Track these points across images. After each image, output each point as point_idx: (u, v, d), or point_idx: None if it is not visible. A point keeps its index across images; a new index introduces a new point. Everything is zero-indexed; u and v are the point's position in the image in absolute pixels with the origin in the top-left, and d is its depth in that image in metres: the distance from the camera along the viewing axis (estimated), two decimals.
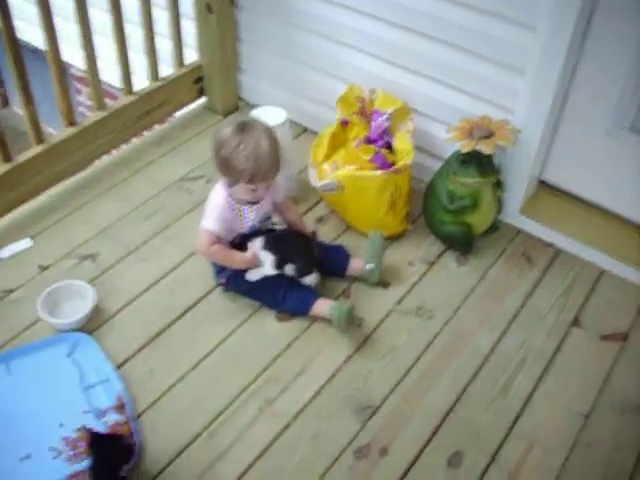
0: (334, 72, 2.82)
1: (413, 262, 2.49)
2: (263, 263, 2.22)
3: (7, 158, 2.51)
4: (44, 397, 2.01)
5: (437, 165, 2.54)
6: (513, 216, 2.62)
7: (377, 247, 2.36)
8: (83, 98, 4.77)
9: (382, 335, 2.24)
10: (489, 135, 2.32)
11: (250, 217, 2.23)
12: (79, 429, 1.89)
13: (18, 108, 5.22)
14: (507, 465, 1.91)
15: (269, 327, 2.25)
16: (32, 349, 2.12)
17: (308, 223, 2.48)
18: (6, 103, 5.82)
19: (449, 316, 2.31)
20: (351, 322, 2.22)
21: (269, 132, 2.11)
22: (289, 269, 2.23)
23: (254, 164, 2.06)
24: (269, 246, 2.20)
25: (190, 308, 2.30)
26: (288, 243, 2.24)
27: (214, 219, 2.17)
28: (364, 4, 2.57)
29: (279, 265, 2.22)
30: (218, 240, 2.19)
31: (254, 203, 2.21)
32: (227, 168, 2.11)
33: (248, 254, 2.21)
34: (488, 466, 1.91)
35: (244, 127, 2.09)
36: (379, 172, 2.41)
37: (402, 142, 2.52)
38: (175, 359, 2.14)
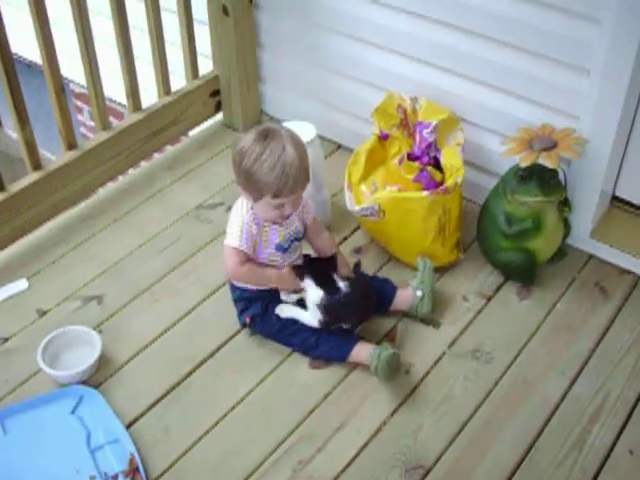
0: (370, 79, 2.84)
1: (467, 297, 2.48)
2: (310, 316, 2.22)
3: (0, 187, 2.55)
4: (45, 461, 2.02)
5: (492, 183, 2.54)
6: (583, 240, 2.60)
7: (426, 274, 2.36)
8: (84, 117, 4.85)
9: (434, 383, 2.22)
10: (552, 146, 2.31)
11: (278, 235, 2.23)
12: None
13: (11, 130, 5.32)
14: None
15: (302, 376, 2.24)
16: (30, 406, 2.14)
17: (345, 255, 2.46)
18: None
19: (511, 359, 2.29)
20: (394, 371, 2.21)
21: (294, 137, 2.13)
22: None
23: (280, 175, 2.06)
24: (326, 309, 2.19)
25: (211, 356, 2.30)
26: (349, 308, 2.22)
27: (239, 234, 2.18)
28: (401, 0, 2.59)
29: (326, 326, 2.22)
30: (248, 258, 2.20)
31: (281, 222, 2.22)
32: (249, 181, 2.11)
33: (284, 270, 2.23)
34: None
35: (267, 133, 2.10)
36: (425, 193, 2.41)
37: (451, 157, 2.52)
38: (194, 415, 2.14)
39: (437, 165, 2.58)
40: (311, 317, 2.23)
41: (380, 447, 2.06)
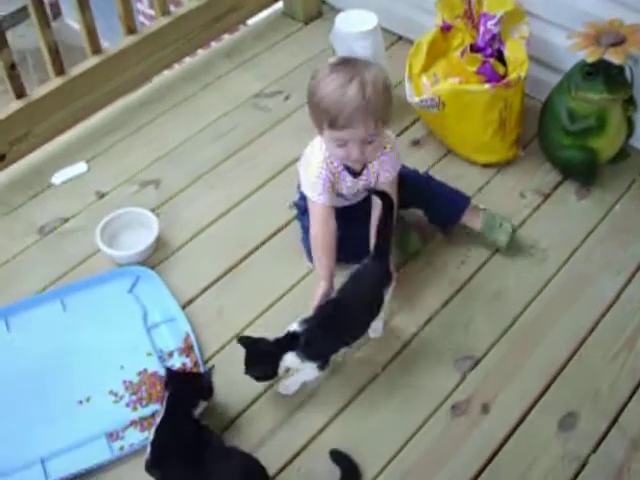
0: None
1: (524, 194, 2.46)
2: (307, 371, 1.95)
3: (60, 71, 2.56)
4: (103, 336, 2.08)
5: (556, 79, 2.48)
6: None
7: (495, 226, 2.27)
8: (144, 6, 4.84)
9: (487, 277, 2.23)
10: (620, 42, 2.24)
11: (347, 185, 2.10)
12: (140, 372, 1.97)
13: (71, 20, 5.33)
14: (630, 431, 1.90)
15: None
16: (89, 284, 2.20)
17: (402, 147, 2.40)
18: (58, 14, 5.93)
19: (566, 257, 2.28)
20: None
21: (374, 75, 1.94)
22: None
23: (335, 102, 1.91)
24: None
25: (264, 242, 2.33)
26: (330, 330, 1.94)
27: (313, 183, 2.04)
28: None
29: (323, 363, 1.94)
30: (330, 212, 2.06)
31: (356, 173, 2.08)
32: (310, 103, 2.01)
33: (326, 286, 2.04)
34: (608, 431, 1.90)
35: (346, 62, 1.99)
36: (487, 86, 2.38)
37: (515, 50, 2.46)
38: (247, 299, 2.19)
39: (500, 58, 2.51)
40: (309, 371, 1.94)
41: (431, 336, 2.09)
